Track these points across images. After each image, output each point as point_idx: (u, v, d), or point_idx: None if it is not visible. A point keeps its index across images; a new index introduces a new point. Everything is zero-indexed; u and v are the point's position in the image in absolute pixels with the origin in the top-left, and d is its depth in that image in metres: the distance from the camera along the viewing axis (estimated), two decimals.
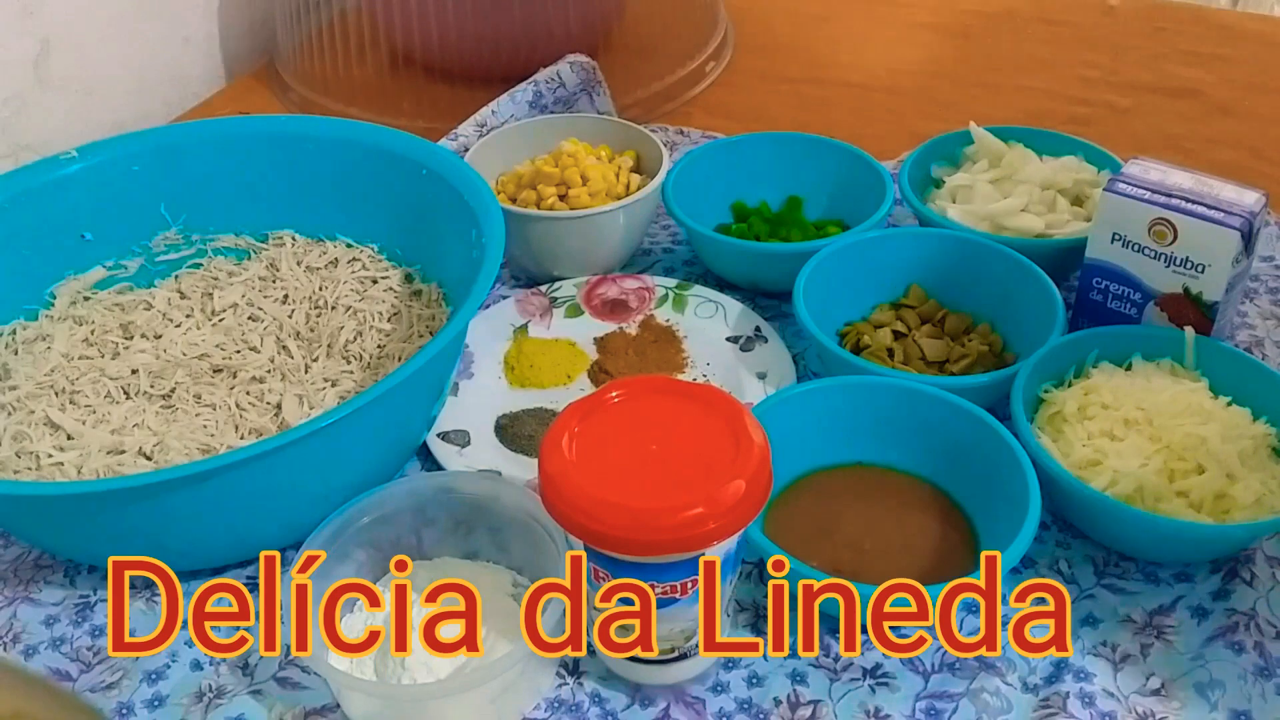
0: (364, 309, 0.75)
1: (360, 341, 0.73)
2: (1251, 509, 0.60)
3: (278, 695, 0.57)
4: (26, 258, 0.74)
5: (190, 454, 0.65)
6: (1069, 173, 0.82)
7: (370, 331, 0.74)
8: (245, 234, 0.80)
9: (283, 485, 0.59)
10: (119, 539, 0.59)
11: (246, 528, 0.61)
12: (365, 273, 0.78)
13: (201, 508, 0.57)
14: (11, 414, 0.68)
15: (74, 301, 0.76)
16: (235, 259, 0.80)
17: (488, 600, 0.58)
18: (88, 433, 0.66)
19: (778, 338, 0.76)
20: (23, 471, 0.64)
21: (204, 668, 0.59)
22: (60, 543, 0.62)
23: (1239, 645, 0.58)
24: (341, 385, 0.70)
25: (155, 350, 0.73)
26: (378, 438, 0.63)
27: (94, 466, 0.64)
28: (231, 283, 0.77)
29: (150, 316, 0.75)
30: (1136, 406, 0.64)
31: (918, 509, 0.63)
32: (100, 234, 0.77)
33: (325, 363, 0.72)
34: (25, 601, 0.63)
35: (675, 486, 0.49)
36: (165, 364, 0.71)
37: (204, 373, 0.71)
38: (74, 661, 0.60)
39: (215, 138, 0.79)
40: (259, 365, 0.71)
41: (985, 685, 0.56)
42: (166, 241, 0.79)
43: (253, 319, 0.75)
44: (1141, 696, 0.56)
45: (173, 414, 0.68)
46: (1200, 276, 0.67)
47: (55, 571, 0.64)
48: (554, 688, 0.57)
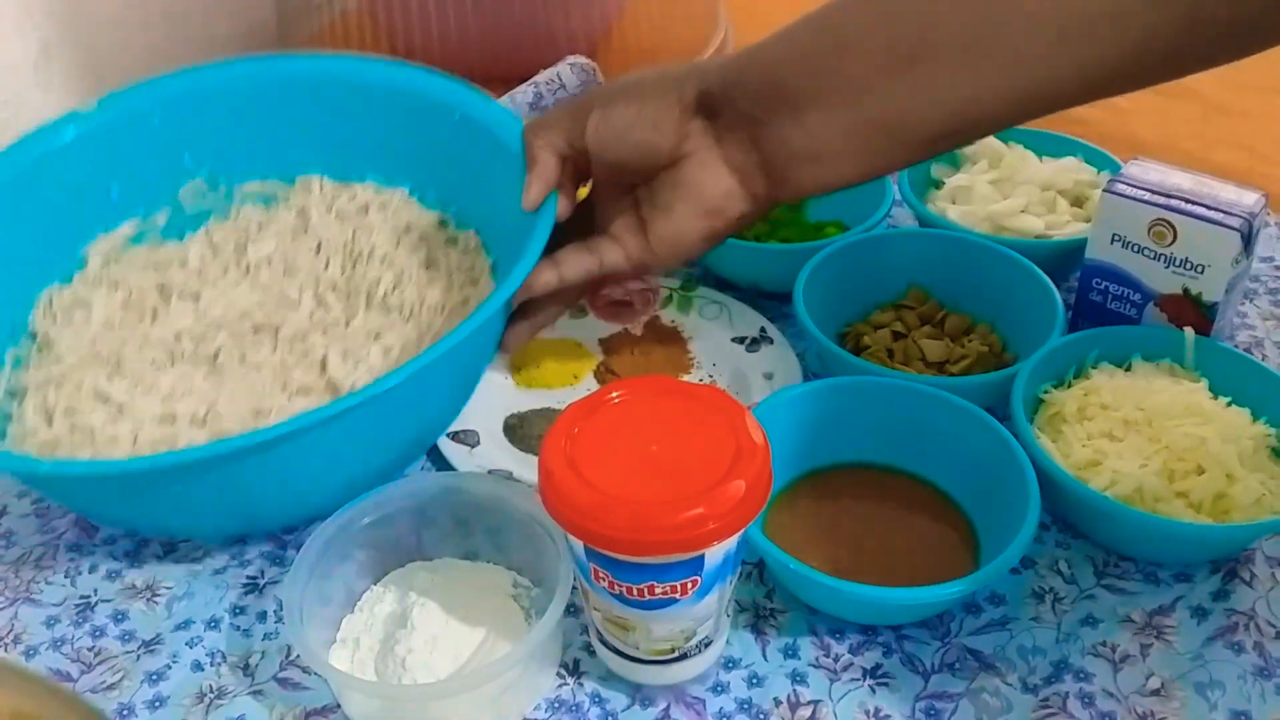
0: (400, 258, 0.72)
1: (400, 292, 0.70)
2: (1251, 509, 0.60)
3: (278, 696, 0.57)
4: (56, 218, 0.71)
5: (243, 419, 0.63)
6: (1069, 173, 0.82)
7: (409, 282, 0.71)
8: (272, 178, 0.77)
9: (357, 441, 0.58)
10: (180, 509, 0.58)
11: (311, 489, 0.60)
12: (398, 219, 0.75)
13: (276, 470, 0.56)
14: (60, 387, 0.65)
15: (107, 262, 0.73)
16: (264, 205, 0.77)
17: (488, 601, 0.58)
18: (139, 403, 0.64)
19: (783, 338, 0.76)
20: (80, 447, 0.62)
21: (204, 668, 0.59)
22: (120, 516, 0.62)
23: (1238, 645, 0.58)
24: (385, 339, 0.67)
25: (196, 312, 0.70)
26: (448, 387, 0.62)
27: (149, 437, 0.62)
28: (262, 235, 0.75)
29: (186, 275, 0.73)
30: (1136, 407, 0.64)
31: (917, 509, 0.63)
32: (126, 188, 0.74)
33: (365, 316, 0.69)
34: (26, 602, 0.63)
35: (675, 486, 0.49)
36: (207, 326, 0.69)
37: (245, 332, 0.69)
38: (74, 662, 0.60)
39: (235, 81, 0.76)
40: (299, 321, 0.69)
41: (985, 685, 0.56)
42: (193, 191, 0.76)
43: (288, 273, 0.73)
44: (1141, 697, 0.56)
45: (219, 378, 0.66)
46: (1200, 277, 0.67)
47: (56, 572, 0.64)
48: (554, 688, 0.57)
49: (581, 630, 0.59)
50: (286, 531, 0.65)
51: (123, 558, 0.65)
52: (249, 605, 0.62)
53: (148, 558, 0.65)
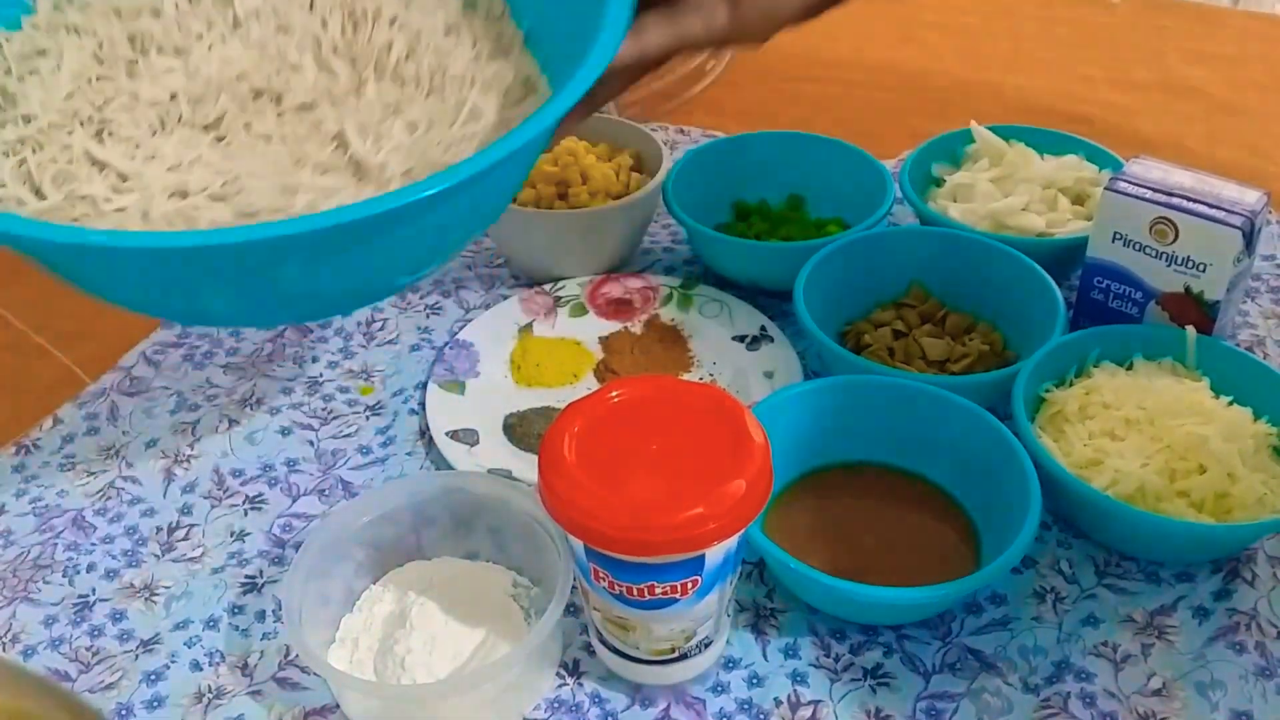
0: (411, 21, 0.63)
1: (415, 61, 0.62)
2: (1253, 509, 0.60)
3: (277, 695, 0.57)
4: None
5: (270, 195, 0.55)
6: (1070, 171, 0.82)
7: (426, 50, 0.62)
8: None
9: (408, 236, 0.52)
10: (200, 292, 0.53)
11: (375, 277, 0.55)
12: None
13: (324, 259, 0.50)
14: (40, 150, 0.56)
15: (58, 6, 0.62)
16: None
17: (487, 601, 0.58)
18: (144, 171, 0.56)
19: (784, 337, 0.76)
20: (82, 219, 0.54)
21: (203, 668, 0.59)
22: (155, 299, 0.56)
23: (1240, 645, 0.58)
24: (407, 113, 0.59)
25: (186, 70, 0.61)
26: (509, 186, 0.58)
27: (162, 211, 0.54)
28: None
29: (164, 26, 0.62)
30: (1137, 406, 0.63)
31: (918, 508, 0.63)
32: None
33: (377, 86, 0.61)
34: (24, 601, 0.63)
35: (675, 486, 0.49)
36: (203, 88, 0.60)
37: (245, 97, 0.60)
38: (73, 661, 0.60)
39: None
40: (303, 88, 0.60)
41: (986, 685, 0.56)
42: None
43: (281, 30, 0.63)
44: (1143, 697, 0.56)
45: (228, 148, 0.58)
46: (1201, 275, 0.67)
47: (54, 571, 0.64)
48: (554, 688, 0.57)
49: (581, 630, 0.59)
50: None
51: (120, 556, 0.65)
52: (247, 605, 0.62)
53: (146, 556, 0.65)
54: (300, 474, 0.69)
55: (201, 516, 0.67)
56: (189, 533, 0.66)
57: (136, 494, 0.68)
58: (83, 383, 0.76)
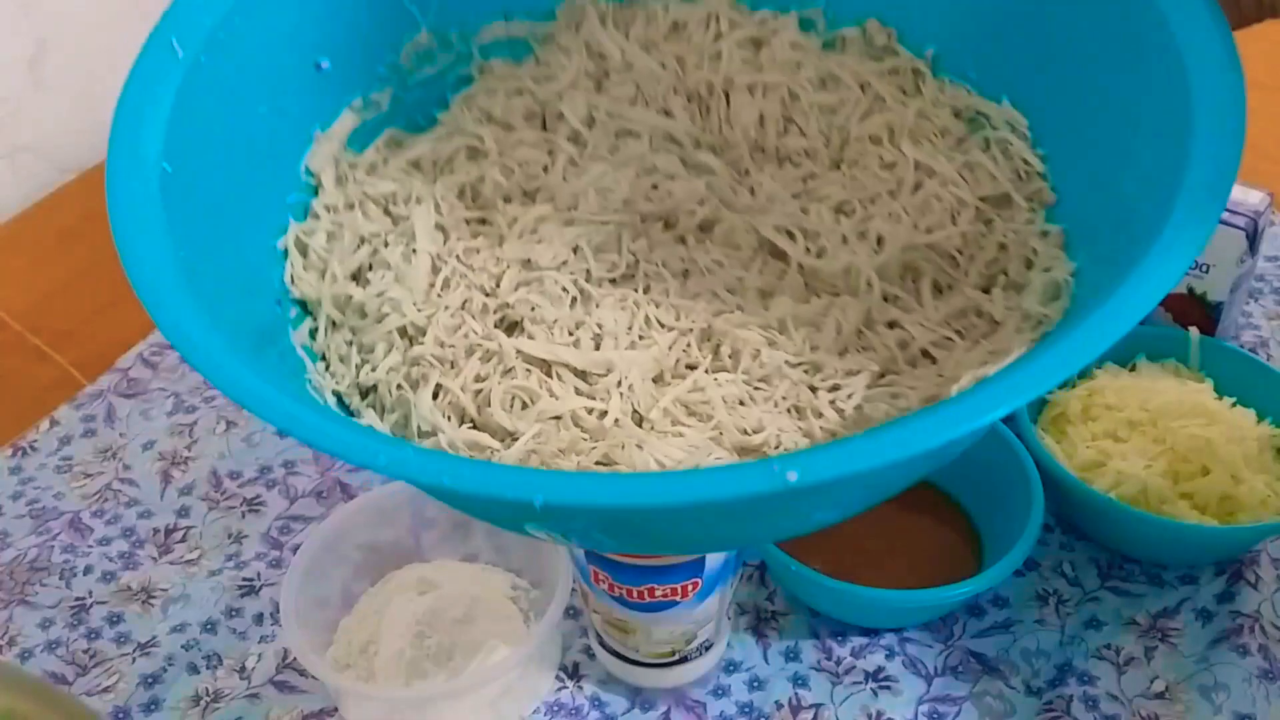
0: (772, 81, 0.52)
1: (794, 133, 0.51)
2: (1256, 511, 0.59)
3: (275, 698, 0.57)
4: (260, 115, 0.47)
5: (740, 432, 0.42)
6: None
7: (807, 109, 0.51)
8: (518, 15, 0.54)
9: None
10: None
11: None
12: (741, 29, 0.53)
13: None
14: (452, 368, 0.44)
15: (342, 178, 0.50)
16: (514, 60, 0.54)
17: (486, 603, 0.58)
18: (613, 360, 0.44)
19: None
20: (575, 449, 0.42)
21: (200, 671, 0.58)
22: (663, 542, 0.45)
23: (1244, 648, 0.57)
24: (828, 196, 0.48)
25: (557, 212, 0.48)
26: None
27: (662, 408, 0.42)
28: (546, 91, 0.52)
29: (499, 167, 0.50)
30: (1141, 408, 0.63)
31: (920, 511, 0.62)
32: (338, 58, 0.50)
33: (773, 174, 0.50)
34: (21, 604, 0.62)
35: None
36: (595, 230, 0.48)
37: (639, 228, 0.49)
38: (70, 664, 0.59)
39: None
40: (693, 202, 0.49)
41: (988, 688, 0.56)
42: (418, 50, 0.52)
43: (626, 135, 0.51)
44: (1146, 700, 0.56)
45: (663, 295, 0.46)
46: (1205, 276, 0.67)
47: (51, 574, 0.64)
48: (553, 691, 0.57)
49: (581, 633, 0.59)
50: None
51: (117, 559, 0.64)
52: (245, 607, 0.62)
53: (143, 559, 0.64)
54: (298, 476, 0.69)
55: (199, 519, 0.67)
56: (186, 535, 0.66)
57: (133, 496, 0.68)
58: (80, 384, 0.76)
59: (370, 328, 0.45)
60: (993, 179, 0.49)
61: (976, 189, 0.49)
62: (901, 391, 0.43)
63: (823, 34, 0.54)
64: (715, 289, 0.46)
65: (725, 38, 0.53)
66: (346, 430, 0.38)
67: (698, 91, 0.52)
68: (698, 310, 0.45)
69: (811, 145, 0.51)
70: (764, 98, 0.51)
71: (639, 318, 0.45)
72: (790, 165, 0.51)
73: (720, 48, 0.53)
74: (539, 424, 0.42)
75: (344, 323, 0.46)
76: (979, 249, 0.47)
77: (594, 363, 0.43)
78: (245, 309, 0.44)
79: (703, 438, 0.41)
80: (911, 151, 0.49)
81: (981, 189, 0.49)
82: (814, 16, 0.54)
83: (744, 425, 0.42)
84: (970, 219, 0.48)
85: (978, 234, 0.48)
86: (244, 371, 0.36)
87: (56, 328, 0.80)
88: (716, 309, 0.46)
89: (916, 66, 0.52)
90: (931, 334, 0.45)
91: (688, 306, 0.45)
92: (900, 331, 0.45)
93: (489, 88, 0.53)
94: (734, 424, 0.42)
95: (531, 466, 0.41)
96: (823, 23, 0.54)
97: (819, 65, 0.52)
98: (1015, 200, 0.48)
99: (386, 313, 0.45)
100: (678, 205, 0.48)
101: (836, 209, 0.49)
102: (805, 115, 0.51)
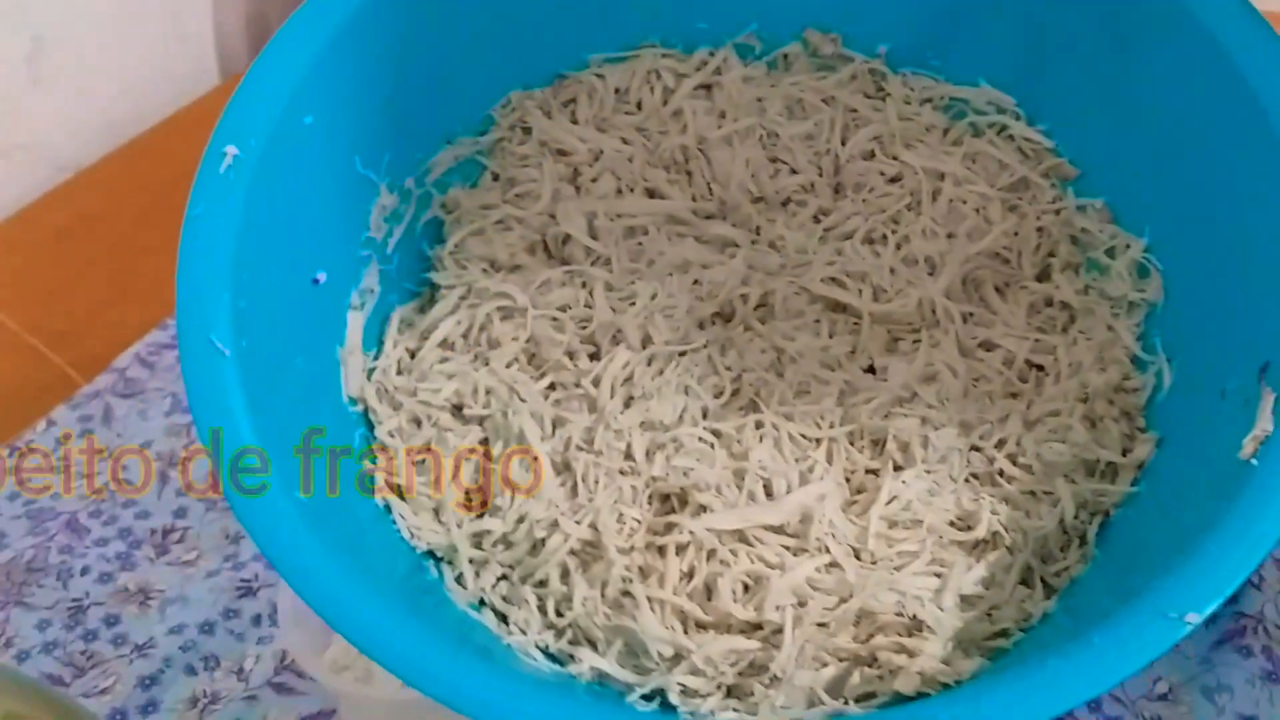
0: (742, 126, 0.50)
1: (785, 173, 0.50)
2: None
3: (273, 701, 0.57)
4: (295, 367, 0.44)
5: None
6: None
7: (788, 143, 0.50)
8: (459, 135, 0.52)
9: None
10: None
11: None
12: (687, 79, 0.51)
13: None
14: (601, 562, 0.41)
15: (382, 392, 0.47)
16: (469, 183, 0.52)
17: None
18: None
19: None
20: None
21: (198, 673, 0.58)
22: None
23: (1247, 649, 0.57)
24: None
25: (635, 348, 0.46)
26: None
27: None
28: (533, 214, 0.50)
29: (534, 320, 0.47)
30: None
31: None
32: (330, 262, 0.46)
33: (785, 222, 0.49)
34: (17, 606, 0.62)
35: None
36: (694, 358, 0.46)
37: (717, 332, 0.47)
38: (67, 666, 0.59)
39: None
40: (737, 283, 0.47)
41: None
42: (383, 213, 0.49)
43: (634, 235, 0.50)
44: (1148, 701, 0.55)
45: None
46: None
47: (47, 575, 0.63)
48: None
49: None
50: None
51: (114, 560, 0.64)
52: (243, 609, 0.61)
53: (140, 560, 0.64)
54: None
55: (196, 520, 0.66)
56: (184, 536, 0.65)
57: (130, 497, 0.68)
58: (77, 384, 0.76)
59: (528, 560, 0.42)
60: (1001, 165, 0.48)
61: (990, 180, 0.48)
62: (1055, 425, 0.43)
63: (762, 56, 0.52)
64: (815, 373, 0.45)
65: (676, 94, 0.51)
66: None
67: (674, 159, 0.51)
68: (825, 408, 0.44)
69: (806, 180, 0.50)
70: (742, 144, 0.50)
71: (784, 442, 0.43)
72: (796, 206, 0.50)
73: (676, 106, 0.51)
74: (783, 605, 0.39)
75: (489, 557, 0.42)
76: (1022, 240, 0.47)
77: (789, 513, 0.41)
78: (403, 581, 0.41)
79: (929, 554, 0.40)
80: (911, 158, 0.49)
81: (995, 178, 0.48)
82: (749, 42, 0.52)
83: (950, 517, 0.41)
84: (1000, 212, 0.47)
85: (1014, 225, 0.47)
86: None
87: (53, 327, 0.80)
88: (838, 398, 0.45)
89: (873, 67, 0.52)
90: (1025, 341, 0.45)
91: (811, 411, 0.44)
92: (998, 351, 0.45)
93: (474, 229, 0.50)
94: (943, 521, 0.41)
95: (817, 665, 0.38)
96: (759, 46, 0.52)
97: (782, 93, 0.51)
98: (1033, 181, 0.48)
99: (541, 536, 0.41)
100: (731, 294, 0.47)
101: (867, 240, 0.48)
102: (789, 150, 0.51)
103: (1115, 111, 0.46)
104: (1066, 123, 0.48)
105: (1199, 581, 0.34)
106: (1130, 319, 0.45)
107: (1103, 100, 0.46)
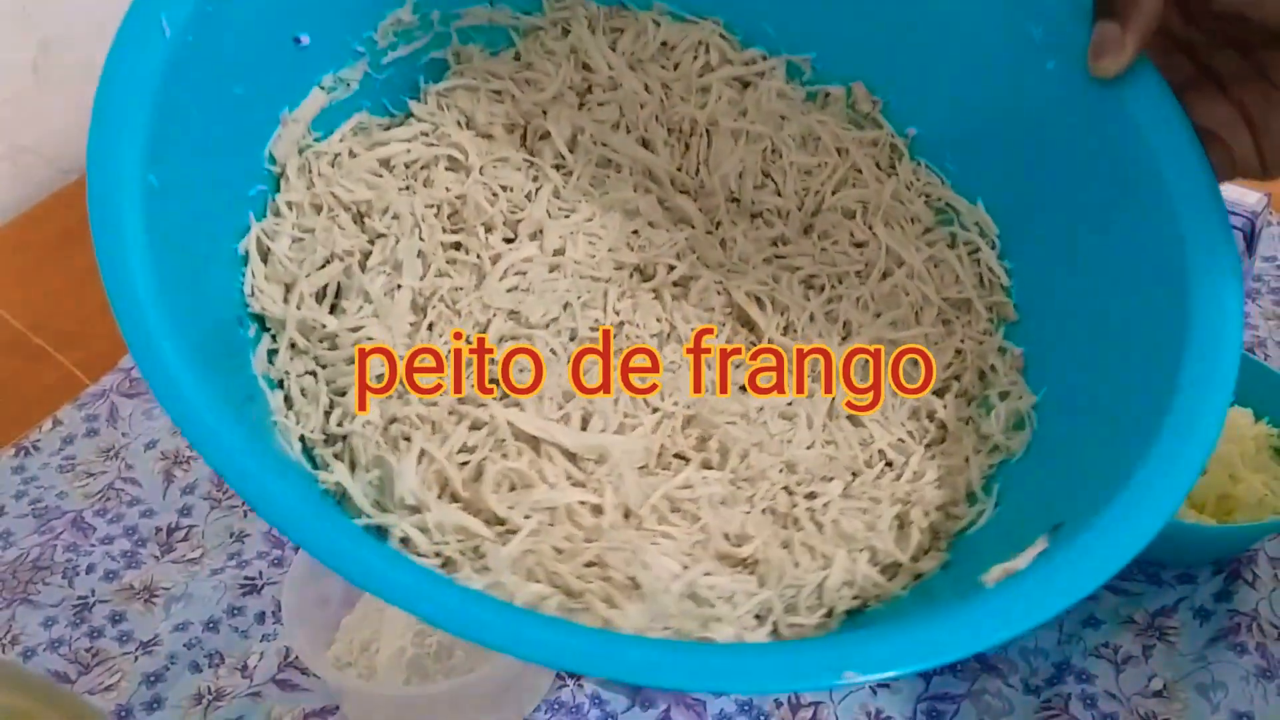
0: (756, 131, 0.51)
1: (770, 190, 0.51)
2: (1254, 510, 0.59)
3: (277, 697, 0.57)
4: (235, 98, 0.43)
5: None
6: None
7: (786, 167, 0.51)
8: (503, 3, 0.51)
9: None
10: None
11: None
12: (730, 66, 0.52)
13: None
14: (438, 431, 0.41)
15: (305, 168, 0.46)
16: (490, 49, 0.52)
17: None
18: (605, 445, 0.42)
19: None
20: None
21: (202, 670, 0.59)
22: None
23: (1241, 646, 0.58)
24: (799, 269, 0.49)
25: (545, 251, 0.47)
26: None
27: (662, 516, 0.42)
28: (529, 100, 0.50)
29: (473, 184, 0.47)
30: None
31: None
32: (318, 31, 0.46)
33: (745, 231, 0.50)
34: (24, 603, 0.63)
35: None
36: (591, 284, 0.47)
37: (627, 284, 0.48)
38: (72, 663, 0.60)
39: None
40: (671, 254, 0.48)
41: (987, 686, 0.56)
42: (397, 26, 0.49)
43: (607, 166, 0.50)
44: (1144, 698, 0.56)
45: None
46: None
47: (54, 573, 0.64)
48: (554, 689, 0.57)
49: None
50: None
51: (120, 558, 0.65)
52: (247, 606, 0.62)
53: (145, 558, 0.65)
54: None
55: (201, 518, 0.67)
56: (188, 534, 0.66)
57: (136, 495, 0.68)
58: (82, 384, 0.76)
59: (343, 367, 0.42)
60: (957, 281, 0.49)
61: (940, 288, 0.49)
62: (868, 506, 0.43)
63: (808, 84, 0.53)
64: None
65: (714, 73, 0.52)
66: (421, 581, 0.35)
67: (680, 126, 0.52)
68: (680, 388, 0.45)
69: (785, 205, 0.51)
70: (745, 146, 0.51)
71: (625, 393, 0.44)
72: (763, 223, 0.51)
73: (707, 82, 0.52)
74: (534, 515, 0.39)
75: (309, 350, 0.42)
76: (937, 351, 0.48)
77: (587, 447, 0.42)
78: (213, 333, 0.40)
79: (690, 541, 0.41)
80: (884, 235, 0.50)
81: (945, 289, 0.49)
82: (802, 64, 0.53)
83: (727, 530, 0.41)
84: (932, 319, 0.49)
85: (938, 335, 0.48)
86: (253, 464, 0.34)
87: (59, 328, 0.81)
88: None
89: (895, 143, 0.52)
90: (889, 435, 0.46)
91: (670, 382, 0.45)
92: (862, 430, 0.46)
93: (468, 84, 0.50)
94: (719, 528, 0.41)
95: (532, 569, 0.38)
96: (810, 72, 0.53)
97: (802, 121, 0.52)
98: (976, 307, 0.49)
99: (364, 350, 0.42)
100: (658, 257, 0.48)
101: (806, 282, 0.49)
102: (784, 173, 0.51)
103: (1067, 288, 0.47)
104: (1027, 271, 0.49)
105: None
106: (988, 459, 0.45)
107: (1067, 266, 0.47)
